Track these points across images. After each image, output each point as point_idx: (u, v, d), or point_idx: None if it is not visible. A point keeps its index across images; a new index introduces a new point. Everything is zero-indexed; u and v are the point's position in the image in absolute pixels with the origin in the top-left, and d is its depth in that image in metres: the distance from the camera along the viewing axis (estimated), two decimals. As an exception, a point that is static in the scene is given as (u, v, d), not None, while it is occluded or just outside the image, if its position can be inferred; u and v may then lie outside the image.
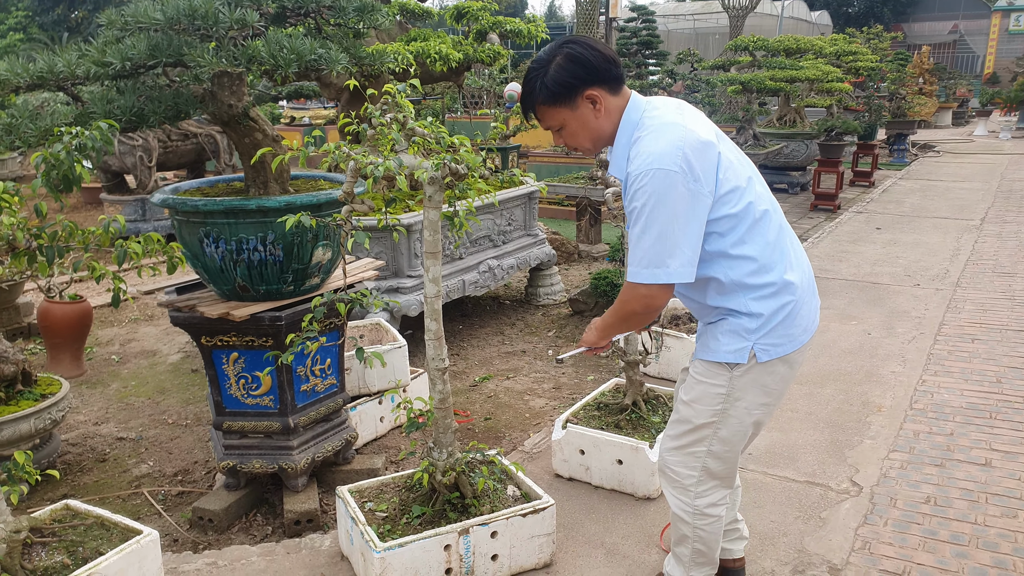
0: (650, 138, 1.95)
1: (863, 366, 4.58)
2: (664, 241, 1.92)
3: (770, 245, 2.05)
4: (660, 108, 2.04)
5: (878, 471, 3.36)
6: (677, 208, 1.90)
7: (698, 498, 2.25)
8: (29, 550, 2.27)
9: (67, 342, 4.85)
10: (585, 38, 2.04)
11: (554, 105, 2.03)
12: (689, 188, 1.90)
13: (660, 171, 1.89)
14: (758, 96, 9.66)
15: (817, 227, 8.99)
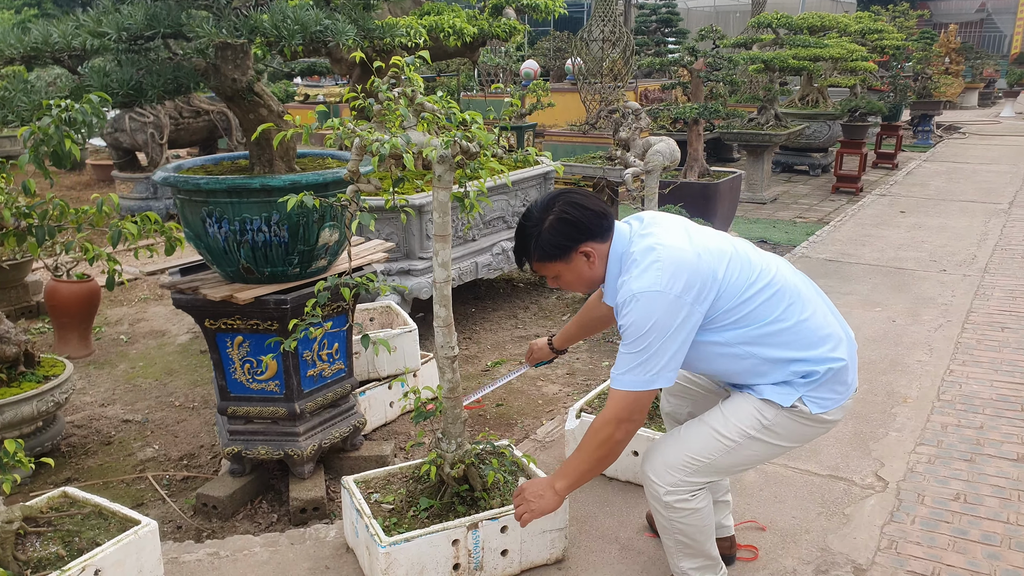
0: (636, 270, 2.03)
1: (887, 355, 4.43)
2: (648, 353, 1.99)
3: (805, 320, 2.10)
4: (644, 235, 2.09)
5: (904, 465, 3.23)
6: (662, 324, 1.97)
7: (667, 495, 2.17)
8: (23, 540, 2.20)
9: (75, 322, 4.78)
10: (576, 194, 2.12)
11: (548, 261, 2.14)
12: (675, 304, 1.97)
13: (646, 294, 1.97)
14: (780, 75, 9.42)
15: (839, 210, 8.80)
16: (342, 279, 2.24)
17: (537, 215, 2.11)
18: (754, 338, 2.07)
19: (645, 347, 1.98)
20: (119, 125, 8.23)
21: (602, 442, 2.05)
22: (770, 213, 8.70)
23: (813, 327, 2.11)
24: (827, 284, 5.75)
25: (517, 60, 15.38)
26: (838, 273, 6.06)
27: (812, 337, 2.10)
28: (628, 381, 2.01)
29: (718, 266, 2.04)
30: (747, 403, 2.15)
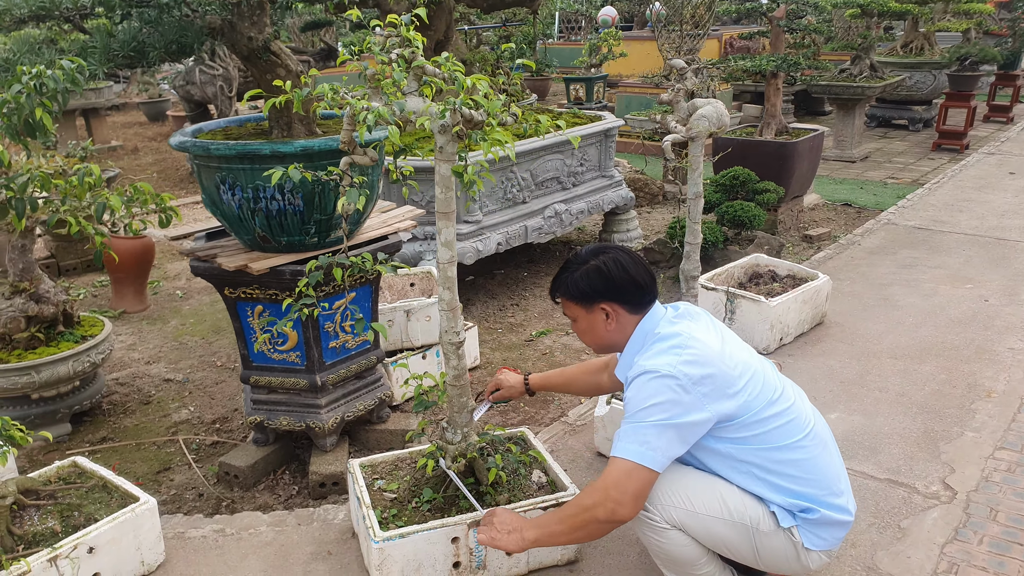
0: (655, 349, 1.98)
1: (974, 340, 4.00)
2: (644, 425, 1.92)
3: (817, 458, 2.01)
4: (674, 321, 2.04)
5: (979, 473, 2.88)
6: (666, 406, 1.90)
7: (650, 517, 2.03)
8: (22, 513, 2.18)
9: (130, 277, 4.86)
10: (627, 255, 2.10)
11: (571, 301, 2.13)
12: (685, 391, 1.89)
13: (659, 373, 1.90)
14: (879, 20, 8.64)
15: (938, 170, 8.09)
16: (336, 258, 2.08)
17: (583, 257, 2.13)
18: (763, 459, 1.99)
19: (643, 419, 1.91)
20: (190, 78, 8.32)
21: (584, 512, 1.93)
22: (859, 173, 8.08)
23: (824, 467, 2.02)
24: (912, 256, 5.27)
25: (599, 6, 14.79)
26: (927, 243, 5.54)
27: (823, 478, 2.01)
28: (623, 448, 1.93)
29: (741, 375, 1.96)
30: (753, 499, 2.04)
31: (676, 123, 2.51)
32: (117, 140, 10.14)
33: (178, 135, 2.82)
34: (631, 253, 2.12)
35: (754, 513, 1.99)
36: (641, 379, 1.93)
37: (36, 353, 3.24)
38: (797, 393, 2.13)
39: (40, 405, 3.30)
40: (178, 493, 3.03)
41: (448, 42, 5.15)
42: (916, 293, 4.62)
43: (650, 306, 2.10)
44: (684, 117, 2.56)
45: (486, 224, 4.59)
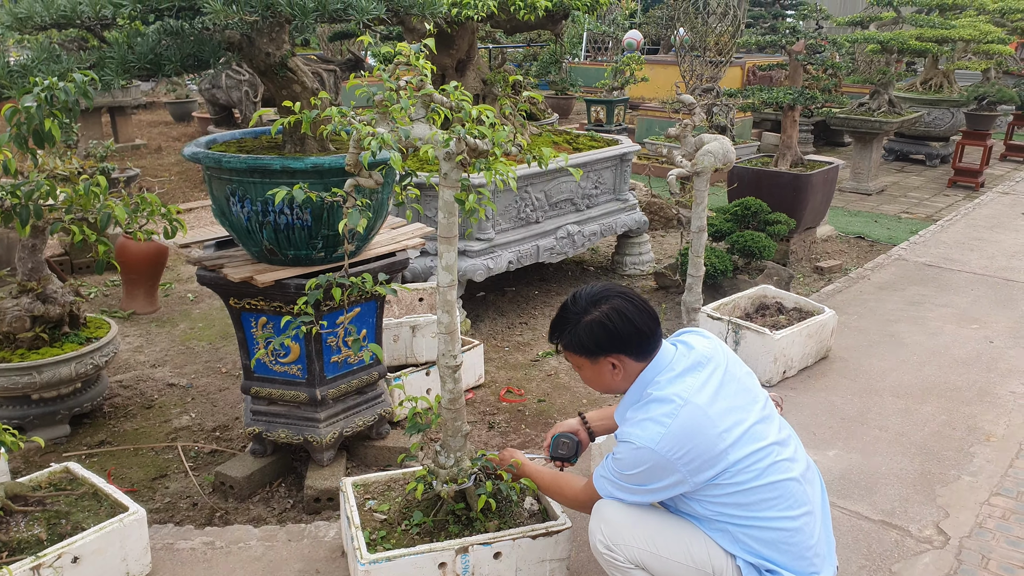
0: (644, 414, 1.96)
1: (977, 381, 3.97)
2: (628, 483, 2.01)
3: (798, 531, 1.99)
4: (672, 380, 1.99)
5: (973, 518, 2.86)
6: (648, 476, 1.96)
7: (608, 552, 2.08)
8: (9, 519, 2.20)
9: (142, 278, 4.91)
10: (630, 302, 2.04)
11: (575, 354, 2.09)
12: (668, 466, 1.92)
13: (643, 447, 1.92)
14: (898, 57, 8.64)
15: (952, 207, 8.05)
16: (337, 277, 2.10)
17: (583, 305, 2.06)
18: (741, 523, 1.98)
19: (627, 479, 2.00)
20: (216, 82, 8.42)
21: (566, 499, 2.24)
22: (874, 206, 8.05)
23: (805, 540, 1.99)
24: (920, 293, 5.24)
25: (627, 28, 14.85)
26: (936, 280, 5.51)
27: (803, 552, 1.99)
28: (602, 484, 2.06)
29: (731, 445, 1.93)
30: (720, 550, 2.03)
31: (682, 157, 2.52)
32: (141, 139, 10.26)
33: (191, 146, 2.86)
34: (633, 298, 2.06)
35: (719, 564, 1.99)
36: (626, 447, 1.96)
37: (39, 353, 3.28)
38: (796, 444, 2.09)
39: (40, 406, 3.33)
40: (172, 501, 3.04)
41: (470, 61, 5.19)
42: (922, 331, 4.59)
43: (656, 351, 2.05)
44: (691, 152, 2.57)
45: (498, 242, 4.61)
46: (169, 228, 2.40)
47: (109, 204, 2.13)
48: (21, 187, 1.98)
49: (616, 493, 2.03)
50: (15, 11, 2.45)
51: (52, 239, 5.51)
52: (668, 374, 2.00)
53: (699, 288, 2.87)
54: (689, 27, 8.89)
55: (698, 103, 2.65)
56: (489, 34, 6.85)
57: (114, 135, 9.57)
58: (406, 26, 5.04)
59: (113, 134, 9.58)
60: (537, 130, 5.44)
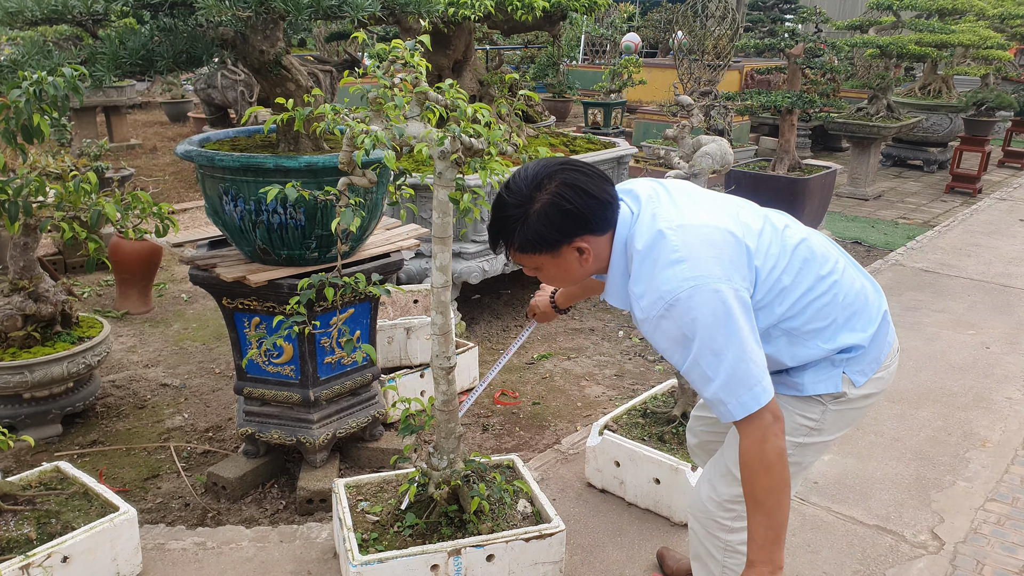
0: (649, 272, 1.67)
1: (973, 387, 3.96)
2: (727, 365, 1.61)
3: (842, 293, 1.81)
4: (648, 221, 1.72)
5: (968, 524, 2.85)
6: (721, 325, 1.61)
7: (731, 533, 1.94)
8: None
9: (135, 278, 4.88)
10: (578, 172, 1.70)
11: (531, 253, 1.72)
12: (720, 291, 1.62)
13: (679, 300, 1.61)
14: (897, 61, 8.64)
15: (949, 212, 8.05)
16: (329, 277, 2.08)
17: (526, 192, 1.67)
18: (790, 318, 1.77)
19: (720, 363, 1.60)
20: (211, 82, 8.40)
21: (763, 475, 1.64)
22: (871, 211, 8.05)
23: (851, 297, 1.81)
24: (917, 299, 5.23)
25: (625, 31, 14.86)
26: (932, 286, 5.51)
27: (851, 310, 1.81)
28: (736, 407, 1.62)
29: (748, 237, 1.72)
30: (787, 413, 1.82)
31: (680, 159, 2.51)
32: (136, 139, 10.23)
33: (184, 144, 2.84)
34: (579, 166, 1.72)
35: (796, 429, 1.85)
36: (663, 322, 1.62)
37: (31, 352, 3.25)
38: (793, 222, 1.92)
39: (32, 405, 3.31)
40: (164, 502, 3.02)
41: (467, 61, 5.18)
42: (918, 336, 4.58)
43: (617, 214, 1.74)
44: (688, 153, 2.56)
45: (491, 245, 4.59)
46: (161, 227, 2.38)
47: (100, 202, 2.12)
48: (10, 184, 1.96)
49: (741, 395, 1.61)
50: (5, 5, 2.43)
51: (45, 238, 5.49)
52: (642, 225, 1.71)
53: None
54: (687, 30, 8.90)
55: (696, 105, 2.64)
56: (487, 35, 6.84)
57: (109, 135, 9.54)
58: (402, 26, 5.02)
59: (108, 134, 9.55)
60: (534, 132, 5.43)
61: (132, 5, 2.27)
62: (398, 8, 2.61)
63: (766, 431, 1.62)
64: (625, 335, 4.74)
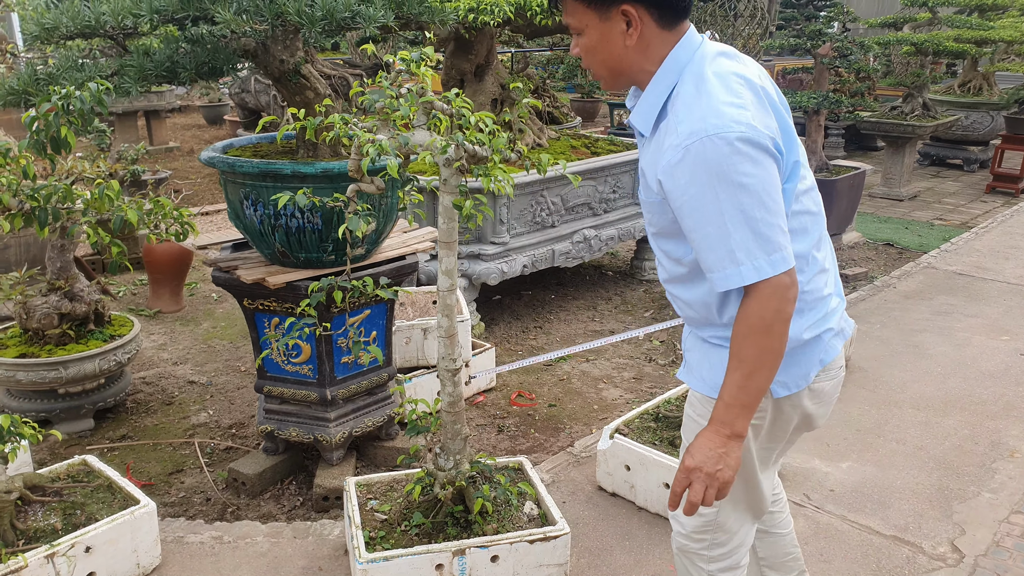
0: (704, 89, 1.51)
1: (1004, 395, 3.88)
2: (760, 221, 1.48)
3: (814, 242, 1.69)
4: (722, 56, 1.58)
5: (990, 536, 2.80)
6: (758, 172, 1.47)
7: (712, 563, 1.89)
8: (27, 508, 2.27)
9: (167, 278, 5.02)
10: None
11: (583, 5, 1.57)
12: (763, 145, 1.48)
13: (723, 137, 1.45)
14: (934, 59, 8.47)
15: (989, 213, 7.87)
16: (338, 281, 2.14)
17: None
18: None
19: (741, 219, 1.47)
20: (245, 86, 8.58)
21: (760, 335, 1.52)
22: (905, 212, 7.90)
23: (813, 293, 1.70)
24: (948, 303, 5.13)
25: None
26: (966, 290, 5.39)
27: (820, 291, 1.70)
28: (750, 271, 1.49)
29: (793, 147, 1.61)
30: (694, 424, 1.79)
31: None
32: (175, 141, 10.48)
33: (208, 150, 2.92)
34: None
35: None
36: (703, 145, 1.46)
37: (65, 349, 3.37)
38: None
39: (66, 400, 3.43)
40: (186, 496, 3.11)
41: (489, 66, 5.22)
42: (948, 342, 4.50)
43: (684, 23, 1.59)
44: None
45: (513, 246, 4.63)
46: (181, 231, 2.46)
47: (124, 207, 2.20)
48: (40, 190, 2.05)
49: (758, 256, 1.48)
50: (42, 22, 2.53)
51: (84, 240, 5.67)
52: (711, 57, 1.56)
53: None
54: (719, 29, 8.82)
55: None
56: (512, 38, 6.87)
57: (149, 138, 9.78)
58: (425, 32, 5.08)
59: (148, 137, 9.80)
60: (556, 134, 5.44)
61: (156, 20, 2.34)
62: (411, 18, 2.65)
63: (782, 293, 1.50)
64: (646, 337, 4.73)
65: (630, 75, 1.64)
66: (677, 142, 1.49)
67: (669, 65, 1.57)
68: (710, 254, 1.52)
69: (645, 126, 1.63)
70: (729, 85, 1.51)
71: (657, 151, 1.58)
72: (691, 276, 1.68)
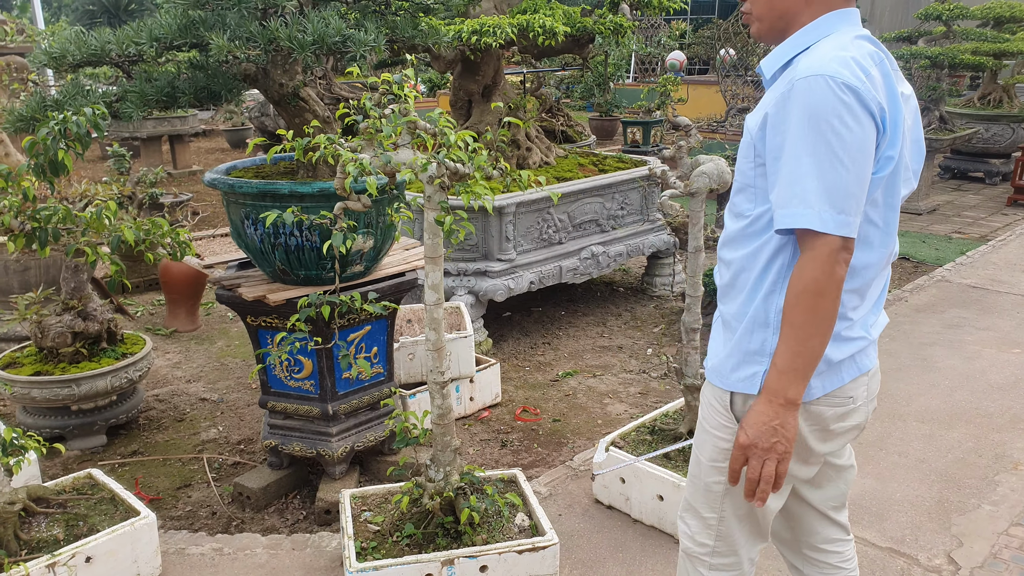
0: (827, 46, 1.54)
1: (1011, 408, 3.84)
2: (841, 176, 1.47)
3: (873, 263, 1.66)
4: (869, 41, 1.61)
5: (988, 548, 2.77)
6: (852, 132, 1.47)
7: (712, 571, 1.87)
8: (31, 519, 2.36)
9: (183, 298, 5.14)
10: None
11: None
12: (868, 109, 1.48)
13: (833, 80, 1.46)
14: (950, 72, 8.43)
15: (1010, 226, 7.77)
16: (326, 296, 2.20)
17: None
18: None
19: (831, 166, 1.46)
20: (264, 110, 8.77)
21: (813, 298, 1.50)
22: (923, 226, 7.84)
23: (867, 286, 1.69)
24: (960, 316, 5.09)
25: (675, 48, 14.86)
26: (979, 303, 5.34)
27: (858, 298, 1.66)
28: (813, 217, 1.47)
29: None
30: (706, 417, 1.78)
31: (676, 179, 2.56)
32: (198, 165, 10.73)
33: (211, 172, 3.02)
34: None
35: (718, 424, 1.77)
36: (809, 84, 1.47)
37: (78, 367, 3.48)
38: None
39: (79, 416, 3.53)
40: (193, 510, 3.18)
41: (496, 86, 5.31)
42: (957, 355, 4.46)
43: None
44: (686, 172, 2.61)
45: (519, 263, 4.69)
46: (179, 250, 2.55)
47: (121, 227, 2.29)
48: (40, 212, 2.15)
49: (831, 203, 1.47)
50: (50, 51, 2.65)
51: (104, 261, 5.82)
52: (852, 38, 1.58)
53: (698, 308, 2.89)
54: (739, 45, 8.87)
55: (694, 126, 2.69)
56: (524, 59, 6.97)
57: (173, 162, 10.02)
58: (433, 54, 5.19)
59: (172, 161, 10.04)
60: (564, 152, 5.51)
61: (157, 49, 2.45)
62: (403, 42, 2.74)
63: (836, 255, 1.48)
64: (654, 352, 4.75)
65: (786, 22, 1.65)
66: (790, 78, 1.53)
67: (819, 24, 1.60)
68: (785, 189, 1.51)
69: (769, 69, 1.66)
70: (861, 57, 1.52)
71: (770, 93, 1.61)
72: (745, 232, 1.67)
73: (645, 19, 13.51)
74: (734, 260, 1.70)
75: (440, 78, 13.19)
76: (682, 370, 2.93)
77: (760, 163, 1.59)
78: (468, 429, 3.82)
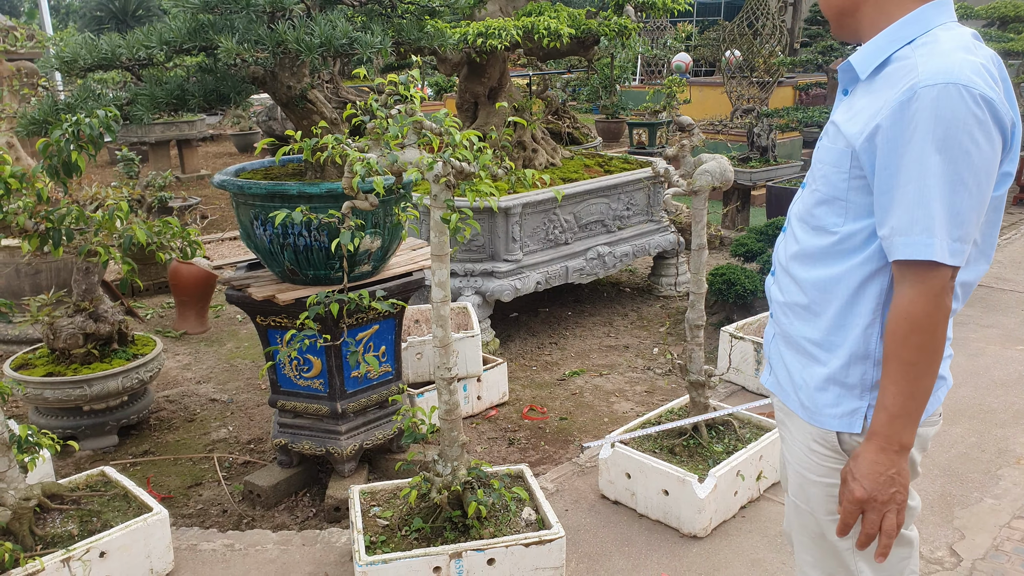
0: (948, 45, 1.37)
1: (1014, 404, 3.85)
2: (965, 201, 1.33)
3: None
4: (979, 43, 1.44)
5: (990, 541, 2.79)
6: (983, 152, 1.32)
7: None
8: (46, 516, 2.40)
9: (193, 300, 5.19)
10: None
11: None
12: (995, 127, 1.33)
13: (968, 90, 1.30)
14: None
15: (1015, 225, 7.78)
16: (335, 295, 2.24)
17: None
18: None
19: (952, 190, 1.32)
20: (272, 114, 8.83)
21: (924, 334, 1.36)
22: (928, 225, 7.84)
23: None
24: (964, 313, 5.10)
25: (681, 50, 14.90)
26: (984, 301, 5.35)
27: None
28: (925, 247, 1.32)
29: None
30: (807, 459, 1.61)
31: (679, 177, 2.59)
32: (206, 169, 10.81)
33: (220, 174, 3.07)
34: None
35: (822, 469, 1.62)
36: (932, 92, 1.31)
37: (90, 368, 3.53)
38: None
39: (90, 417, 3.58)
40: (204, 508, 3.22)
41: (502, 88, 5.35)
42: (961, 352, 4.47)
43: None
44: (689, 171, 2.64)
45: (526, 263, 4.72)
46: (188, 250, 2.59)
47: (132, 227, 2.34)
48: (53, 213, 2.20)
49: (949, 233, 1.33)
50: (61, 55, 2.71)
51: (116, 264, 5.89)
52: (964, 38, 1.41)
53: (701, 305, 2.91)
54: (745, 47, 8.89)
55: (696, 125, 2.72)
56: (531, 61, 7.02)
57: (181, 166, 10.10)
58: (439, 56, 5.24)
59: (180, 165, 10.12)
60: (570, 154, 5.54)
61: (166, 52, 2.50)
62: (409, 44, 2.78)
63: (945, 287, 1.35)
64: (660, 352, 4.78)
65: (865, 14, 1.50)
66: (912, 82, 1.34)
67: (917, 17, 1.44)
68: (902, 215, 1.35)
69: (864, 67, 1.48)
70: (986, 60, 1.38)
71: (869, 95, 1.45)
72: (830, 251, 1.51)
73: (651, 21, 13.55)
74: (811, 280, 1.54)
75: (447, 81, 13.26)
76: (686, 366, 2.96)
77: (859, 175, 1.44)
78: (476, 427, 3.86)
